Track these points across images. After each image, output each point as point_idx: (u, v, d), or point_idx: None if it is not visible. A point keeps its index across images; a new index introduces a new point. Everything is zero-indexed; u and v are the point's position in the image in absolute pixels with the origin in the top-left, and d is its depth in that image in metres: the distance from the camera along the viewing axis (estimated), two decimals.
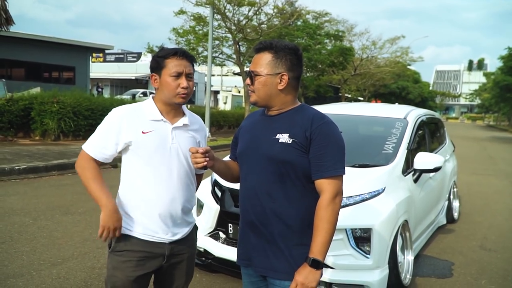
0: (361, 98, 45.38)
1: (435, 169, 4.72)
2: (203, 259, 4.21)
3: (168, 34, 22.18)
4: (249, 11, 19.94)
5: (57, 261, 4.59)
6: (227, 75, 43.92)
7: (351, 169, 3.99)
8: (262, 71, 2.12)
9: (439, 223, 6.27)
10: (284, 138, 2.09)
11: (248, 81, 2.18)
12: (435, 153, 5.71)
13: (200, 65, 24.25)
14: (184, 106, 2.40)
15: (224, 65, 25.61)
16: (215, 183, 4.31)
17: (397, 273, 3.93)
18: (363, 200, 3.81)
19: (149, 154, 2.23)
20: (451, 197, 6.73)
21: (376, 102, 28.24)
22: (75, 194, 7.56)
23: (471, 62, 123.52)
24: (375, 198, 3.87)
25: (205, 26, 20.22)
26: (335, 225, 2.04)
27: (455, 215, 6.93)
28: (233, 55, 21.59)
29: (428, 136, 5.83)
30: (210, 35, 16.64)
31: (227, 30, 20.34)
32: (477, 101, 78.85)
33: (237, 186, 2.41)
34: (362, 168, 4.31)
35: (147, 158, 2.23)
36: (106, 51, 46.37)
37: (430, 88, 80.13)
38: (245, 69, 21.18)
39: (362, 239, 3.64)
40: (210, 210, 4.20)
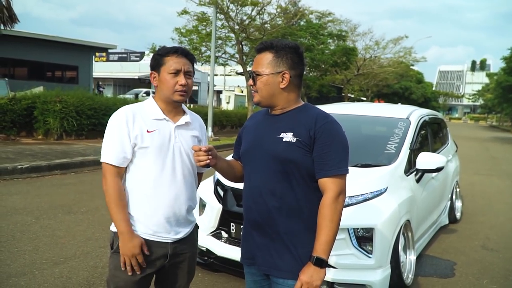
0: (364, 98, 45.33)
1: (438, 169, 4.71)
2: (205, 258, 4.22)
3: (172, 34, 22.19)
4: (252, 10, 19.94)
5: (60, 260, 4.60)
6: (230, 75, 43.88)
7: (353, 169, 3.96)
8: (264, 70, 2.13)
9: (441, 223, 6.27)
10: (288, 137, 2.09)
11: (250, 81, 2.19)
12: (438, 153, 5.70)
13: (203, 65, 24.27)
14: (183, 105, 2.40)
15: (227, 64, 25.57)
16: (218, 183, 4.31)
17: (399, 272, 3.93)
18: (365, 200, 3.81)
19: (153, 153, 2.23)
20: (454, 197, 6.72)
21: (379, 102, 28.21)
22: (78, 193, 7.58)
23: (474, 62, 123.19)
24: (377, 197, 3.87)
25: (208, 26, 20.22)
26: (338, 223, 2.05)
27: (458, 215, 6.92)
28: (236, 55, 21.59)
29: (431, 136, 5.83)
30: (213, 34, 16.66)
31: (230, 29, 20.34)
32: (480, 101, 78.71)
33: (239, 186, 2.42)
34: (365, 168, 4.31)
35: (151, 157, 2.23)
36: (109, 51, 46.42)
37: (433, 89, 79.98)
38: (248, 68, 21.20)
39: (364, 238, 3.64)
40: (213, 209, 4.20)
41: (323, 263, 2.01)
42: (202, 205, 4.37)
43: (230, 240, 4.10)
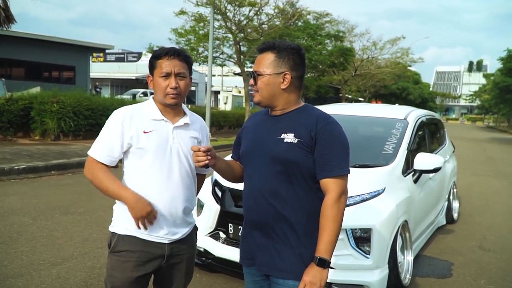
0: (362, 99, 45.37)
1: (435, 170, 4.72)
2: (203, 259, 4.22)
3: (169, 34, 22.16)
4: (249, 11, 19.93)
5: (57, 261, 4.59)
6: (227, 75, 43.96)
7: (351, 169, 3.95)
8: (265, 70, 2.13)
9: (438, 224, 6.28)
10: (289, 138, 2.10)
11: (251, 81, 2.19)
12: (435, 153, 5.71)
13: (200, 65, 24.28)
14: (184, 106, 2.40)
15: (225, 65, 25.60)
16: (216, 183, 4.31)
17: (396, 273, 3.93)
18: (363, 200, 3.82)
19: (150, 153, 2.23)
20: (451, 197, 6.73)
21: (376, 103, 28.27)
22: (75, 194, 7.56)
23: (471, 63, 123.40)
24: (375, 198, 3.87)
25: (206, 26, 20.21)
26: (340, 224, 2.05)
27: (455, 215, 6.93)
28: (234, 55, 21.57)
29: (428, 136, 5.84)
30: (210, 35, 16.64)
31: (227, 30, 20.33)
32: (477, 102, 78.89)
33: (237, 186, 2.42)
34: (362, 169, 4.31)
35: (148, 158, 2.23)
36: (107, 51, 46.32)
37: (430, 89, 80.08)
38: (246, 69, 21.21)
39: (362, 239, 3.65)
40: (211, 210, 4.20)
41: (325, 263, 2.02)
42: (200, 206, 4.37)
43: (228, 240, 4.10)
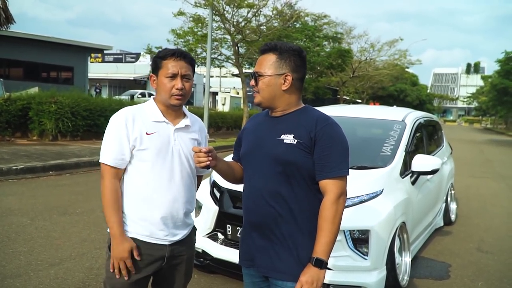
0: (359, 100, 45.45)
1: (433, 171, 4.73)
2: (202, 260, 4.22)
3: (167, 35, 22.19)
4: (248, 12, 19.95)
5: (55, 261, 4.59)
6: (225, 77, 43.91)
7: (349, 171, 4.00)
8: (266, 71, 2.14)
9: (436, 225, 6.29)
10: (288, 139, 2.10)
11: (252, 82, 2.19)
12: (433, 155, 5.72)
13: (199, 66, 24.23)
14: (184, 107, 2.40)
15: (223, 66, 25.60)
16: (214, 184, 4.32)
17: (394, 274, 3.95)
18: (361, 202, 3.83)
19: (152, 155, 2.23)
20: (449, 199, 6.75)
21: (374, 105, 28.26)
22: (73, 194, 7.55)
23: (469, 65, 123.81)
24: (373, 199, 3.88)
25: (204, 28, 20.22)
26: (339, 225, 2.06)
27: (452, 217, 6.95)
28: (232, 57, 21.59)
29: (426, 138, 5.86)
30: (209, 36, 16.64)
31: (226, 31, 20.34)
32: (474, 104, 79.08)
33: (235, 187, 2.42)
34: (360, 170, 4.31)
35: (150, 159, 2.23)
36: (105, 52, 46.19)
37: (428, 91, 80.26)
38: (244, 70, 21.22)
39: (360, 240, 3.66)
40: (209, 211, 4.21)
41: (322, 264, 2.02)
42: (198, 207, 4.37)
43: (226, 241, 4.10)
